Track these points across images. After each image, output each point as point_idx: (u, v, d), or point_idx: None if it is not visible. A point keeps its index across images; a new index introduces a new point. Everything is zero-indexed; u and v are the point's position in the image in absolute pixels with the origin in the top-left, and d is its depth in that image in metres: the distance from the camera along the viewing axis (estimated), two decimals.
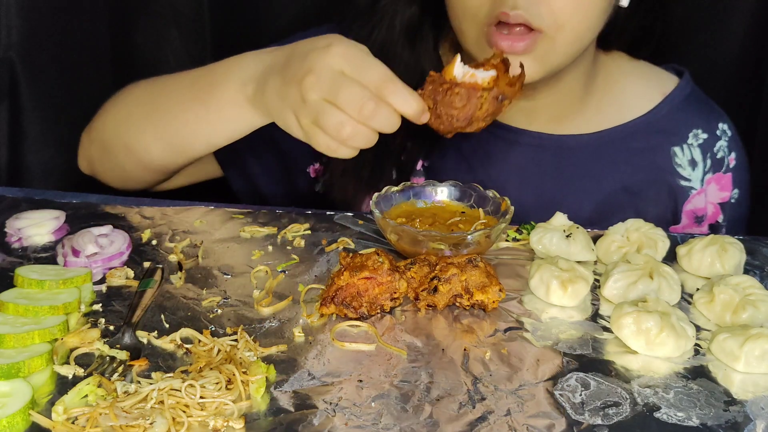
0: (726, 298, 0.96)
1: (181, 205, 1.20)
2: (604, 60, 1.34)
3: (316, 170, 1.38)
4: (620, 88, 1.35)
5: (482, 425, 0.77)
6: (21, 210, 1.12)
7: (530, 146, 1.31)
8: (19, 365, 0.80)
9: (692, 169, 1.34)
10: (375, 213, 1.06)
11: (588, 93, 1.33)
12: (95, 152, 1.32)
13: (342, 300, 0.93)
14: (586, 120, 1.33)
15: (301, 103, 0.98)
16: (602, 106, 1.34)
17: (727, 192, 1.37)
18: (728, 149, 1.36)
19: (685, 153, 1.34)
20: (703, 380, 0.86)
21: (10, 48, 1.50)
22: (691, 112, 1.35)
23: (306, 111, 0.98)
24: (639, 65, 1.38)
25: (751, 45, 1.56)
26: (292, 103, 0.99)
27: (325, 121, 0.96)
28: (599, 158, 1.32)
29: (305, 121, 0.99)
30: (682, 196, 1.35)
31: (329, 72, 0.96)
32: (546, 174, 1.32)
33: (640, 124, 1.33)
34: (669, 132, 1.34)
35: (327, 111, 0.96)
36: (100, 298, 0.96)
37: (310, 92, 0.96)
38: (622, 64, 1.37)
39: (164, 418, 0.74)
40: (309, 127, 0.99)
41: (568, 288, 0.97)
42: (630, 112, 1.34)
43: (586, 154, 1.32)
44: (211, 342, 0.87)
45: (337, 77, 0.96)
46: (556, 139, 1.31)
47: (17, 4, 1.48)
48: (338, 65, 0.96)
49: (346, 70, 0.96)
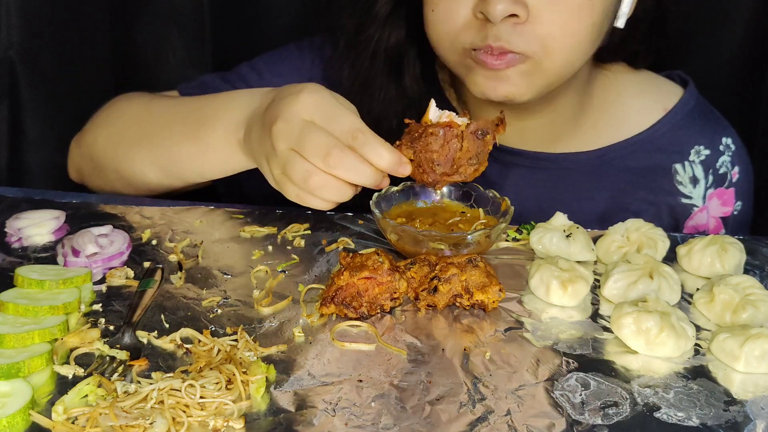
0: (726, 298, 0.96)
1: (181, 205, 1.20)
2: (601, 75, 1.30)
3: None
4: (619, 104, 1.31)
5: (482, 425, 0.77)
6: (21, 210, 1.12)
7: (526, 167, 1.29)
8: (19, 365, 0.80)
9: (693, 187, 1.31)
10: (375, 213, 1.06)
11: (583, 111, 1.29)
12: (85, 166, 1.32)
13: (342, 300, 0.93)
14: (583, 138, 1.30)
15: (272, 151, 0.96)
16: (600, 123, 1.30)
17: (729, 207, 1.34)
18: (731, 164, 1.33)
19: (687, 170, 1.30)
20: (703, 380, 0.86)
21: (10, 48, 1.50)
22: (694, 128, 1.31)
23: (276, 160, 0.96)
24: (640, 78, 1.34)
25: (751, 46, 1.56)
26: (266, 151, 0.98)
27: (291, 171, 0.94)
28: (597, 178, 1.29)
29: (276, 171, 0.97)
30: (683, 214, 1.32)
31: (297, 120, 0.94)
32: (542, 195, 1.29)
33: (640, 141, 1.29)
34: (670, 149, 1.30)
35: (293, 160, 0.93)
36: (100, 298, 0.96)
37: (278, 141, 0.94)
38: (622, 77, 1.32)
39: (164, 418, 0.74)
40: (279, 176, 0.97)
41: (568, 288, 0.97)
42: (629, 129, 1.30)
43: (583, 174, 1.29)
44: (211, 342, 0.87)
45: (305, 126, 0.93)
46: (552, 159, 1.29)
47: (17, 4, 1.48)
48: (308, 114, 0.94)
49: (316, 119, 0.94)
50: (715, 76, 1.54)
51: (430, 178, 0.97)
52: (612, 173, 1.29)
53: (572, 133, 1.30)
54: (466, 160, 0.97)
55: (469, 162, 0.97)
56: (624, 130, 1.30)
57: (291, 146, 0.93)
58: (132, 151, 1.21)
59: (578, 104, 1.28)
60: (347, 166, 0.92)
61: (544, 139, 1.29)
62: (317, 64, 1.31)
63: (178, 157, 1.16)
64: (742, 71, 1.58)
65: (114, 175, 1.25)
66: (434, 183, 0.98)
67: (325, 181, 0.93)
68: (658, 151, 1.30)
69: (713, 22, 1.55)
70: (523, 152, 1.29)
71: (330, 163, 0.91)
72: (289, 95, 0.96)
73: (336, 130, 0.93)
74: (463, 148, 0.95)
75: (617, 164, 1.29)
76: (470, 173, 0.98)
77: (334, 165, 0.91)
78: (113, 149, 1.24)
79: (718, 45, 1.57)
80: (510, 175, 1.29)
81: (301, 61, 1.32)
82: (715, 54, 1.58)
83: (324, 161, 0.91)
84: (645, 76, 1.35)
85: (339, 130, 0.93)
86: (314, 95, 0.95)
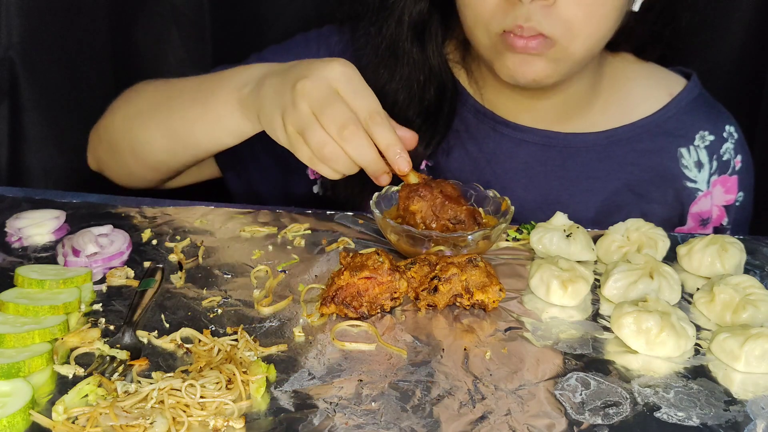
0: (726, 298, 0.96)
1: (181, 205, 1.20)
2: (611, 61, 1.34)
3: (314, 172, 1.39)
4: (627, 88, 1.35)
5: (482, 425, 0.77)
6: (21, 210, 1.12)
7: (536, 145, 1.31)
8: (19, 365, 0.80)
9: (698, 171, 1.34)
10: (375, 213, 1.06)
11: (595, 93, 1.32)
12: (103, 152, 1.33)
13: (342, 300, 0.93)
14: (593, 119, 1.33)
15: (291, 106, 0.98)
16: (609, 105, 1.33)
17: (732, 195, 1.37)
18: (734, 152, 1.36)
19: (692, 154, 1.33)
20: (704, 380, 0.86)
21: (10, 48, 1.50)
22: (699, 113, 1.35)
23: (294, 117, 0.98)
24: (646, 67, 1.38)
25: (752, 45, 1.56)
26: (283, 105, 1.00)
27: (309, 135, 0.97)
28: (606, 158, 1.32)
29: (290, 128, 0.99)
30: (688, 198, 1.34)
31: (324, 84, 0.97)
32: (552, 173, 1.31)
33: (647, 124, 1.33)
34: (676, 133, 1.33)
35: (312, 126, 0.96)
36: (101, 297, 0.96)
37: (301, 98, 0.97)
38: (630, 65, 1.36)
39: (164, 417, 0.74)
40: (293, 135, 1.00)
41: (569, 288, 0.97)
42: (637, 113, 1.33)
43: (592, 154, 1.32)
44: (212, 342, 0.87)
45: (330, 93, 0.97)
46: (562, 138, 1.31)
47: (17, 4, 1.48)
48: (336, 82, 0.98)
49: (341, 90, 0.98)
50: (715, 74, 1.54)
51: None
52: (619, 155, 1.32)
53: (582, 113, 1.32)
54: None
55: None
56: (631, 114, 1.33)
57: (312, 109, 0.97)
58: (146, 120, 1.23)
59: (590, 86, 1.31)
60: (356, 144, 0.96)
61: (555, 119, 1.31)
62: (323, 53, 1.34)
63: (183, 121, 1.18)
64: (742, 70, 1.59)
65: (129, 154, 1.26)
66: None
67: (338, 153, 0.97)
68: (664, 134, 1.33)
69: (714, 22, 1.56)
70: (535, 130, 1.31)
71: (343, 136, 0.96)
72: (320, 61, 1.00)
73: (357, 107, 0.97)
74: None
75: (624, 146, 1.32)
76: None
77: (347, 139, 0.96)
78: (129, 124, 1.26)
79: (718, 44, 1.57)
80: (520, 153, 1.31)
81: (308, 50, 1.34)
82: (716, 53, 1.58)
83: (339, 133, 0.95)
84: (652, 65, 1.38)
85: (360, 106, 0.97)
86: (345, 67, 0.99)
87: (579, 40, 1.12)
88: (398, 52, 1.25)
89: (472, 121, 1.31)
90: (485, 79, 1.30)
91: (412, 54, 1.25)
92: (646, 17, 1.25)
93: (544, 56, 1.12)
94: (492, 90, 1.30)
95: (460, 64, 1.33)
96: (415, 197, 1.05)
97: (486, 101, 1.31)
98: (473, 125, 1.31)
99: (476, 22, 1.15)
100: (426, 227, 1.04)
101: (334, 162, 0.98)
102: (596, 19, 1.12)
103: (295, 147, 1.01)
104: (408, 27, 1.25)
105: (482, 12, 1.13)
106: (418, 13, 1.25)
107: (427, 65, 1.26)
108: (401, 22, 1.25)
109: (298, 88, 0.97)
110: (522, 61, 1.13)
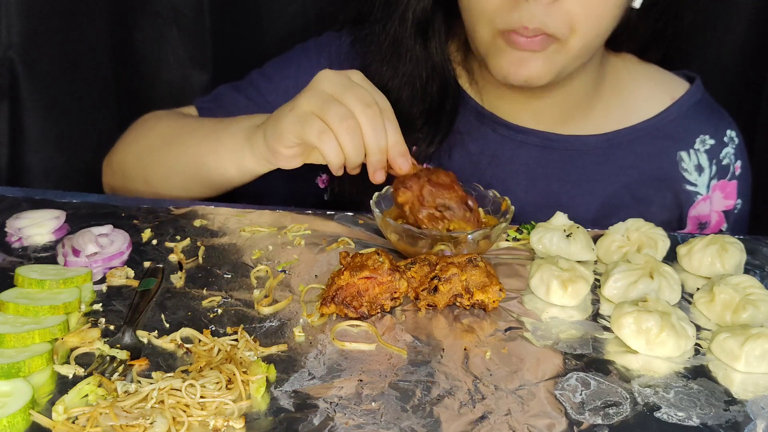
0: (726, 298, 0.96)
1: (181, 205, 1.20)
2: (613, 61, 1.34)
3: (323, 180, 1.39)
4: (629, 90, 1.34)
5: (482, 425, 0.77)
6: (21, 210, 1.12)
7: (537, 147, 1.31)
8: (19, 365, 0.80)
9: (698, 175, 1.34)
10: (375, 213, 1.06)
11: (596, 94, 1.32)
12: (116, 182, 1.36)
13: (342, 300, 0.93)
14: (594, 121, 1.33)
15: (310, 91, 1.05)
16: (610, 107, 1.33)
17: (731, 201, 1.37)
18: (734, 156, 1.36)
19: (692, 158, 1.33)
20: (704, 380, 0.86)
21: (10, 48, 1.50)
22: (700, 117, 1.35)
23: (311, 100, 1.05)
24: (649, 69, 1.38)
25: (752, 45, 1.56)
26: (293, 104, 1.05)
27: (328, 108, 1.03)
28: (606, 161, 1.32)
29: (305, 108, 1.04)
30: (687, 201, 1.34)
31: (343, 75, 1.05)
32: (552, 175, 1.31)
33: (647, 127, 1.33)
34: (676, 137, 1.33)
35: (333, 102, 1.02)
36: (101, 297, 0.96)
37: (320, 82, 1.04)
38: (632, 66, 1.36)
39: (164, 417, 0.74)
40: (304, 114, 1.04)
41: (569, 288, 0.97)
42: (638, 115, 1.33)
43: (593, 156, 1.32)
44: (212, 342, 0.87)
45: (349, 80, 1.05)
46: (563, 140, 1.31)
47: (17, 4, 1.48)
48: (351, 75, 1.05)
49: (357, 82, 1.04)
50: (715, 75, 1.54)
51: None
52: (619, 157, 1.32)
53: (583, 115, 1.32)
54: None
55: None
56: (632, 116, 1.33)
57: (333, 91, 1.03)
58: (160, 156, 1.26)
59: (591, 87, 1.31)
60: (375, 125, 1.02)
61: (556, 120, 1.31)
62: (323, 61, 1.34)
63: (196, 155, 1.21)
64: (742, 71, 1.59)
65: (143, 185, 1.29)
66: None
67: (356, 129, 1.02)
68: (665, 137, 1.33)
69: (714, 22, 1.55)
70: (536, 132, 1.31)
71: (367, 114, 1.02)
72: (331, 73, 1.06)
73: (376, 98, 1.04)
74: None
75: (624, 149, 1.32)
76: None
77: (370, 117, 1.02)
78: (142, 161, 1.29)
79: (718, 44, 1.57)
80: (521, 155, 1.31)
81: (308, 60, 1.35)
82: (716, 53, 1.58)
83: (363, 110, 1.01)
84: (654, 68, 1.39)
85: (378, 99, 1.04)
86: (329, 71, 1.06)
87: (577, 36, 1.12)
88: (401, 50, 1.26)
89: (473, 123, 1.31)
90: (486, 81, 1.30)
91: (415, 51, 1.26)
92: (648, 14, 1.25)
93: (542, 53, 1.12)
94: (493, 91, 1.30)
95: (462, 65, 1.33)
96: (401, 188, 1.05)
97: (487, 103, 1.31)
98: (474, 127, 1.31)
99: (480, 17, 1.15)
100: (415, 218, 1.04)
101: (350, 137, 1.01)
102: (595, 16, 1.12)
103: (304, 123, 1.03)
104: (411, 24, 1.25)
105: (486, 7, 1.13)
106: (422, 10, 1.25)
107: (429, 62, 1.27)
108: (405, 19, 1.25)
109: (318, 78, 1.04)
110: (517, 60, 1.13)
